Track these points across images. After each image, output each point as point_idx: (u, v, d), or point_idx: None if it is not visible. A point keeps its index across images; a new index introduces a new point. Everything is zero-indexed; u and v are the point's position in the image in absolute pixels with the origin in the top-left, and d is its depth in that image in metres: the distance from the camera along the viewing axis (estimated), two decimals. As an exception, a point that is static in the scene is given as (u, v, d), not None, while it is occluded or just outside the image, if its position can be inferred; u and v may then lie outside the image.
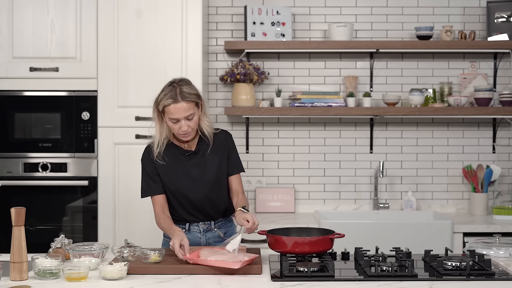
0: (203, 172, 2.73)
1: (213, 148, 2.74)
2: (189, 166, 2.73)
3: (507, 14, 4.06)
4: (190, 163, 2.73)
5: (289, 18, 4.06)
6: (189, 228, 2.79)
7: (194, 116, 2.62)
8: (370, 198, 4.18)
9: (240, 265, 2.32)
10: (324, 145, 4.19)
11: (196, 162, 2.73)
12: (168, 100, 2.58)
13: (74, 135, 3.68)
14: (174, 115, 2.58)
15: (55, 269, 2.25)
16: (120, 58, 3.64)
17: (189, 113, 2.59)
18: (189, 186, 2.72)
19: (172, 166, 2.71)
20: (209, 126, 2.73)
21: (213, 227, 2.80)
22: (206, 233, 2.80)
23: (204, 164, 2.73)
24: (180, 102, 2.57)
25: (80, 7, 3.65)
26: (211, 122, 2.75)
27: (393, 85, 4.18)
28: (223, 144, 2.77)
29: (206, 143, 2.74)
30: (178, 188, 2.72)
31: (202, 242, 2.79)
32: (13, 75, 3.67)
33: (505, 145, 4.20)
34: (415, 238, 3.47)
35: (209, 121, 2.73)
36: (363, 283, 2.22)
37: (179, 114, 2.58)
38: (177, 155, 2.72)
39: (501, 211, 3.85)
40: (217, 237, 2.81)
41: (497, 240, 2.76)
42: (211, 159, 2.74)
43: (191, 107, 2.59)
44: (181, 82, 2.65)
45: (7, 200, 3.62)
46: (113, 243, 3.54)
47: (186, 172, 2.72)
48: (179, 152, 2.73)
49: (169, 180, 2.72)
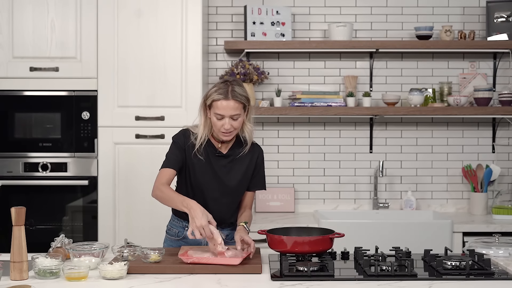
0: (228, 176, 2.73)
1: (244, 157, 2.74)
2: (217, 167, 2.72)
3: (506, 14, 4.07)
4: (218, 164, 2.72)
5: (289, 18, 4.06)
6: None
7: (239, 117, 2.63)
8: (369, 197, 4.18)
9: (240, 261, 2.33)
10: (324, 144, 4.19)
11: (224, 165, 2.73)
12: (219, 95, 2.59)
13: (74, 135, 3.68)
14: (221, 111, 2.59)
15: (55, 269, 2.25)
16: (120, 58, 3.64)
17: (236, 113, 2.60)
18: (210, 185, 2.71)
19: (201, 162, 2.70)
20: (250, 133, 2.73)
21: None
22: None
23: (230, 169, 2.73)
24: (230, 99, 2.58)
25: (80, 7, 3.65)
26: (252, 130, 2.75)
27: (393, 85, 4.18)
28: (254, 157, 2.78)
29: (238, 150, 2.73)
30: (199, 184, 2.71)
31: (203, 242, 2.77)
32: (13, 75, 3.67)
33: (504, 144, 4.21)
34: (415, 238, 3.47)
35: (251, 127, 2.74)
36: (362, 282, 2.22)
37: (226, 111, 2.59)
38: (209, 153, 2.71)
39: (501, 210, 3.85)
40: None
41: (497, 240, 2.76)
42: (239, 166, 2.74)
43: (239, 107, 2.60)
44: (234, 82, 2.66)
45: (7, 200, 3.63)
46: (113, 242, 3.54)
47: (212, 171, 2.71)
48: (211, 150, 2.72)
49: (194, 174, 2.71)
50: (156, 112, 3.65)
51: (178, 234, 2.82)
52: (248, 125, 2.72)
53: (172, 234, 2.85)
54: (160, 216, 3.63)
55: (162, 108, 3.64)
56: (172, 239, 2.84)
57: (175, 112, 3.64)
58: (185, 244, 2.78)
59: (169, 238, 2.86)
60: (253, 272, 2.33)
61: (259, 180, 2.82)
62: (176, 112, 3.64)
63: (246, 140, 2.74)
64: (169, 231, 2.87)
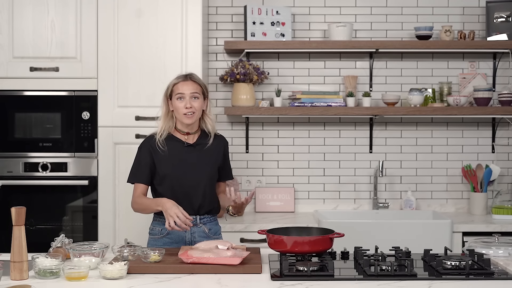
0: (200, 163, 2.87)
1: (211, 147, 2.91)
2: (188, 156, 2.87)
3: (506, 14, 4.07)
4: (189, 154, 2.88)
5: (289, 18, 4.07)
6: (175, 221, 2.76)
7: (198, 99, 2.84)
8: (369, 197, 4.18)
9: (240, 261, 2.34)
10: (323, 144, 4.19)
11: (194, 154, 2.88)
12: (177, 79, 2.87)
13: (74, 134, 3.68)
14: (180, 90, 2.82)
15: (55, 269, 2.25)
16: (120, 58, 3.64)
17: (195, 91, 2.83)
18: (186, 172, 2.85)
19: (170, 154, 2.85)
20: (212, 125, 2.93)
21: (199, 222, 2.86)
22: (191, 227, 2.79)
23: (201, 157, 2.88)
24: (188, 80, 2.86)
25: (80, 7, 3.65)
26: (214, 122, 2.96)
27: (393, 85, 4.18)
28: (220, 148, 2.96)
29: (205, 141, 2.90)
30: (175, 173, 2.84)
31: (187, 237, 2.84)
32: (13, 75, 3.67)
33: (504, 144, 4.21)
34: (415, 238, 3.47)
35: (212, 120, 2.94)
36: (362, 282, 2.22)
37: (186, 89, 2.82)
38: (177, 146, 2.88)
39: (500, 210, 3.86)
40: (202, 232, 2.87)
41: (496, 240, 2.77)
42: (208, 154, 2.90)
43: (197, 88, 2.85)
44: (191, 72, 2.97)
45: (7, 200, 3.63)
46: (113, 242, 3.54)
47: (184, 160, 2.86)
48: (179, 143, 2.89)
49: (166, 165, 2.84)
50: (156, 112, 3.61)
51: (162, 231, 2.87)
52: (209, 118, 2.93)
53: (155, 234, 2.90)
54: (160, 216, 3.64)
55: (162, 108, 3.64)
56: (155, 238, 2.89)
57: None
58: (169, 240, 2.84)
59: (152, 238, 2.91)
60: (253, 272, 2.34)
61: (229, 170, 3.04)
62: (176, 112, 3.64)
63: (210, 132, 2.93)
64: (152, 231, 2.93)
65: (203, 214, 2.89)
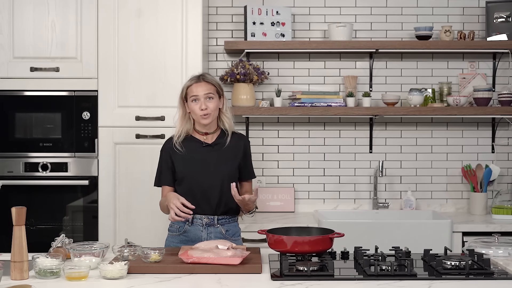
0: (218, 162, 2.87)
1: (230, 146, 2.90)
2: (206, 156, 2.88)
3: (506, 14, 4.07)
4: (207, 154, 2.89)
5: (289, 18, 4.07)
6: (192, 221, 2.85)
7: (213, 99, 2.85)
8: (369, 197, 4.19)
9: (240, 261, 2.34)
10: (323, 144, 4.20)
11: (212, 154, 2.89)
12: (191, 81, 2.89)
13: (75, 135, 3.68)
14: (194, 92, 2.84)
15: (55, 269, 2.26)
16: (120, 58, 3.65)
17: (209, 92, 2.84)
18: (204, 172, 2.86)
19: (189, 155, 2.87)
20: (229, 123, 2.94)
21: (216, 223, 2.86)
22: (208, 227, 2.85)
23: (219, 156, 2.89)
24: (201, 81, 2.87)
25: (81, 7, 3.65)
26: (231, 120, 2.95)
27: (393, 85, 4.19)
28: (240, 146, 2.94)
29: (223, 140, 2.90)
30: (192, 175, 2.86)
31: (203, 236, 2.84)
32: (13, 75, 3.68)
33: (504, 144, 4.21)
34: (415, 238, 3.47)
35: (229, 118, 2.94)
36: (362, 282, 2.23)
37: (199, 91, 2.83)
38: (195, 146, 2.89)
39: (500, 210, 3.86)
40: (218, 233, 2.86)
41: (496, 240, 2.77)
42: (227, 154, 2.90)
43: (211, 88, 2.86)
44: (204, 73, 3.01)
45: (7, 200, 3.63)
46: (114, 242, 3.54)
47: (203, 160, 2.87)
48: (198, 144, 2.90)
49: (184, 166, 2.87)
50: (156, 112, 3.65)
51: (179, 229, 2.89)
52: (226, 116, 2.94)
53: (173, 230, 2.92)
54: (160, 216, 3.64)
55: (162, 108, 3.65)
56: (173, 235, 2.91)
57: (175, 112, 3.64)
58: (186, 238, 2.85)
59: (170, 235, 2.93)
60: (253, 272, 2.34)
61: (250, 169, 3.03)
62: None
63: (227, 130, 2.94)
64: (171, 228, 2.94)
65: (220, 214, 2.88)
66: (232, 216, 2.93)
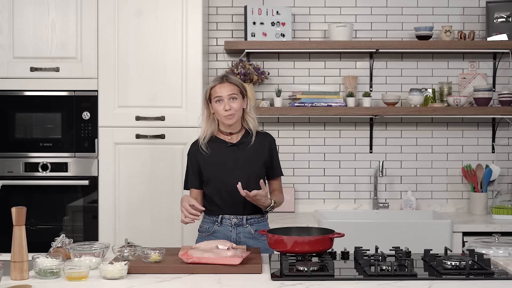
0: (243, 162, 2.88)
1: (255, 145, 2.91)
2: (231, 156, 2.88)
3: (506, 14, 4.07)
4: (232, 154, 2.89)
5: (289, 18, 4.07)
6: (221, 221, 2.86)
7: (237, 99, 2.85)
8: (369, 197, 4.19)
9: (240, 261, 2.34)
10: (324, 144, 4.20)
11: (237, 154, 2.89)
12: (215, 82, 2.89)
13: (75, 135, 3.68)
14: (218, 93, 2.84)
15: (55, 269, 2.25)
16: (120, 58, 3.65)
17: (232, 92, 2.84)
18: (230, 172, 2.85)
19: (214, 156, 2.88)
20: (253, 123, 2.94)
21: (245, 223, 2.86)
22: (237, 227, 2.85)
23: (245, 156, 2.89)
24: (224, 82, 2.87)
25: (81, 7, 3.65)
26: (255, 120, 2.96)
27: (393, 85, 4.19)
28: (265, 145, 2.95)
29: (248, 140, 2.91)
30: (219, 175, 2.86)
31: (232, 236, 2.85)
32: (13, 75, 3.68)
33: (504, 144, 4.21)
34: (415, 238, 3.47)
35: (253, 118, 2.95)
36: (362, 282, 2.22)
37: (223, 92, 2.83)
38: (220, 147, 2.90)
39: (500, 210, 3.86)
40: (247, 233, 2.86)
41: (496, 240, 2.77)
42: (252, 153, 2.90)
43: (234, 89, 2.86)
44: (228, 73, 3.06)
45: (7, 200, 3.63)
46: (114, 242, 3.54)
47: (228, 161, 2.87)
48: (222, 144, 2.91)
49: (211, 168, 2.88)
50: (156, 112, 3.65)
51: (208, 229, 2.90)
52: (250, 116, 2.94)
53: (203, 231, 2.93)
54: (160, 216, 3.64)
55: (163, 108, 3.65)
56: (203, 236, 2.91)
57: (176, 112, 3.64)
58: (215, 239, 2.83)
59: (200, 235, 2.94)
60: (253, 272, 2.34)
61: (277, 167, 3.02)
62: (177, 112, 3.64)
63: (252, 130, 2.93)
64: (201, 229, 2.95)
65: (249, 214, 2.88)
66: (261, 216, 2.93)
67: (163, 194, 3.63)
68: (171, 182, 3.62)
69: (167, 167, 3.63)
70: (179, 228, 3.61)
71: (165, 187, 3.63)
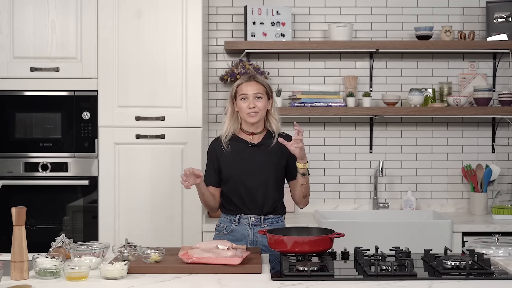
0: (264, 162, 2.89)
1: (276, 146, 2.90)
2: (252, 156, 2.90)
3: (506, 14, 4.07)
4: (253, 154, 2.90)
5: (289, 18, 4.07)
6: (239, 220, 2.88)
7: (262, 99, 2.88)
8: (369, 197, 4.19)
9: (240, 261, 2.34)
10: (324, 144, 4.20)
11: (257, 154, 2.91)
12: (242, 80, 2.93)
13: (75, 134, 3.68)
14: (244, 91, 2.87)
15: (55, 269, 2.25)
16: (120, 58, 3.65)
17: (258, 92, 2.87)
18: (249, 172, 2.88)
19: (235, 155, 2.90)
20: (276, 124, 2.96)
21: (262, 223, 2.87)
22: (254, 227, 2.86)
23: (265, 157, 2.90)
24: (252, 81, 2.91)
25: (81, 7, 3.65)
26: (279, 122, 2.97)
27: (393, 85, 4.19)
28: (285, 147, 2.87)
29: (270, 141, 2.92)
30: (238, 175, 2.88)
31: (250, 236, 2.85)
32: (13, 75, 3.68)
33: (504, 144, 4.21)
34: (415, 238, 3.47)
35: (277, 119, 2.97)
36: (362, 282, 2.22)
37: (249, 90, 2.87)
38: (242, 146, 2.92)
39: (500, 210, 3.86)
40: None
41: (496, 240, 2.77)
42: (273, 154, 2.91)
43: (260, 88, 2.89)
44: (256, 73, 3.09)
45: (7, 200, 3.63)
46: (114, 242, 3.54)
47: (248, 160, 2.89)
48: (244, 144, 2.93)
49: (230, 166, 2.90)
50: (156, 112, 3.65)
51: (226, 228, 2.91)
52: (273, 117, 2.96)
53: (220, 230, 2.94)
54: (160, 216, 3.64)
55: (163, 108, 3.65)
56: (220, 235, 2.92)
57: (176, 112, 3.64)
58: (232, 237, 2.86)
59: (217, 234, 2.95)
60: (253, 272, 2.34)
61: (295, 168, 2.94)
62: (177, 112, 3.64)
63: (274, 132, 2.95)
64: (218, 227, 2.96)
65: (266, 213, 2.89)
66: (279, 216, 2.94)
67: (163, 194, 3.63)
68: (171, 182, 3.62)
69: (167, 167, 3.63)
70: (179, 228, 3.62)
71: (165, 187, 3.63)
